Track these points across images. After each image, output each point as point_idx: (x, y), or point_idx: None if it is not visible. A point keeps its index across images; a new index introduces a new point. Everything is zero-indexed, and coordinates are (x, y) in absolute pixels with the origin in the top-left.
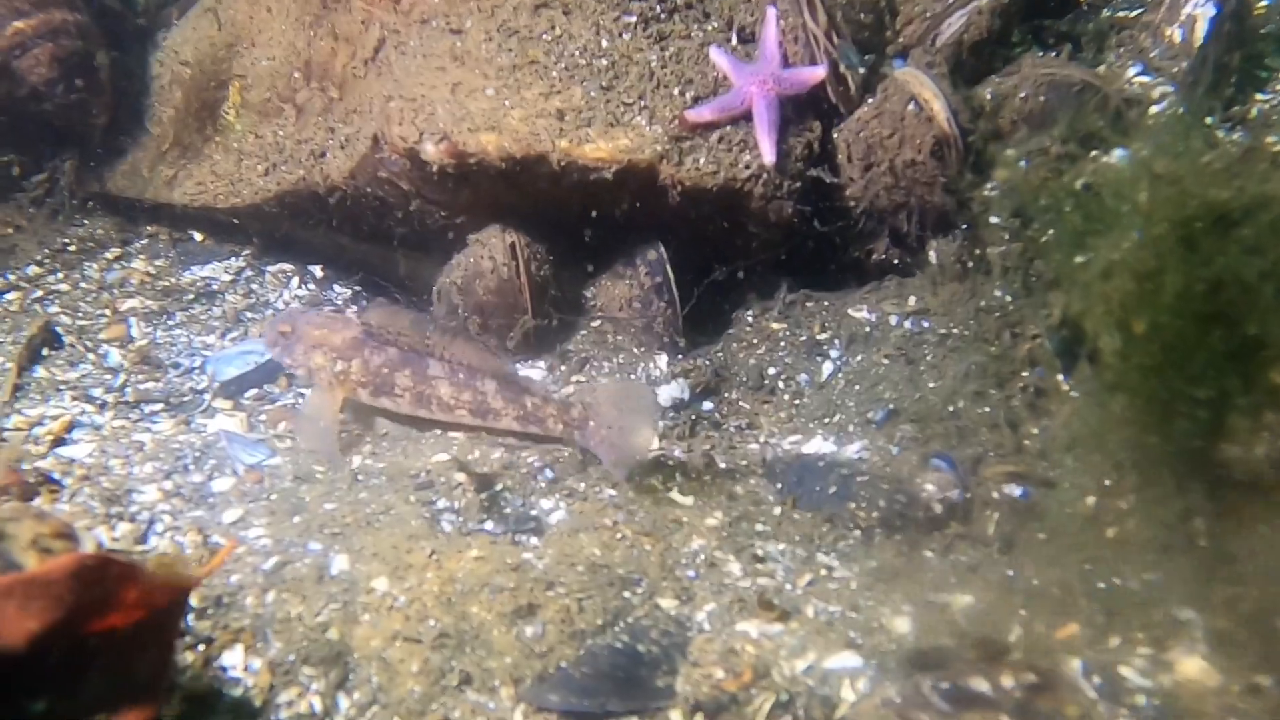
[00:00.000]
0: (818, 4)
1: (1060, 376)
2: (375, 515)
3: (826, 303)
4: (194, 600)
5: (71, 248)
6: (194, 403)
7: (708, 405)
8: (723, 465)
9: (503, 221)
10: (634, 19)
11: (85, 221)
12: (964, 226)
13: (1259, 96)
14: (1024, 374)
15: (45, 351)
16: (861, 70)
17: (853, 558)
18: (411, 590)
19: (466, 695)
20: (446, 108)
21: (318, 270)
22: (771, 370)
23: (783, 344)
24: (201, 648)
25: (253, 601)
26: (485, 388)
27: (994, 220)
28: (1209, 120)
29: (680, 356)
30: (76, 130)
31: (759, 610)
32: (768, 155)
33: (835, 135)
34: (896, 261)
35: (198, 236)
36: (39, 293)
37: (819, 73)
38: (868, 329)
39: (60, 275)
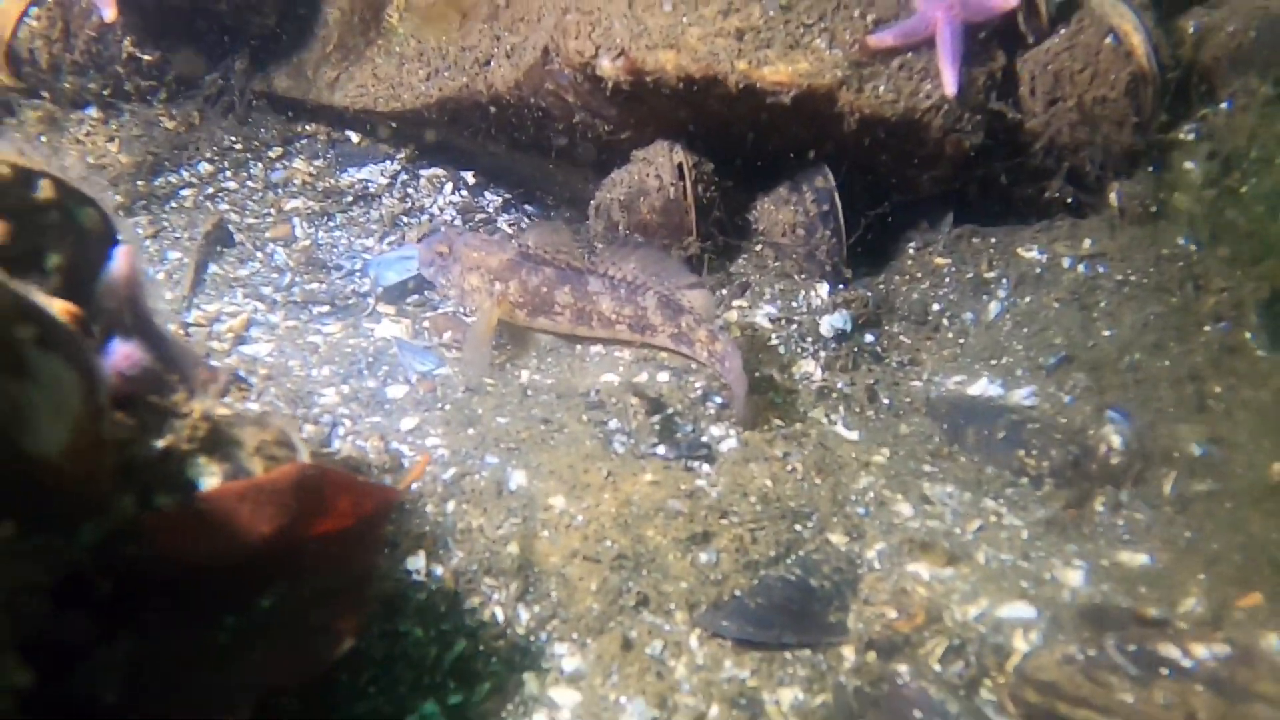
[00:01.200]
0: None
1: (1255, 343)
2: (550, 433)
3: (994, 239)
4: None
5: (238, 146)
6: (359, 306)
7: (869, 337)
8: (886, 401)
9: (669, 138)
10: None
11: (250, 120)
12: (1151, 169)
13: None
14: (1207, 328)
15: (218, 249)
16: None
17: (1021, 505)
18: (589, 510)
19: (643, 616)
20: (624, 23)
21: (470, 177)
22: (935, 306)
23: (947, 280)
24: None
25: (433, 510)
26: (646, 303)
27: (1188, 166)
28: None
29: (842, 286)
30: (247, 30)
31: (929, 553)
32: (950, 86)
33: (1019, 65)
34: (1070, 200)
35: (354, 138)
36: (210, 190)
37: (1011, 2)
38: (1038, 270)
39: (229, 173)
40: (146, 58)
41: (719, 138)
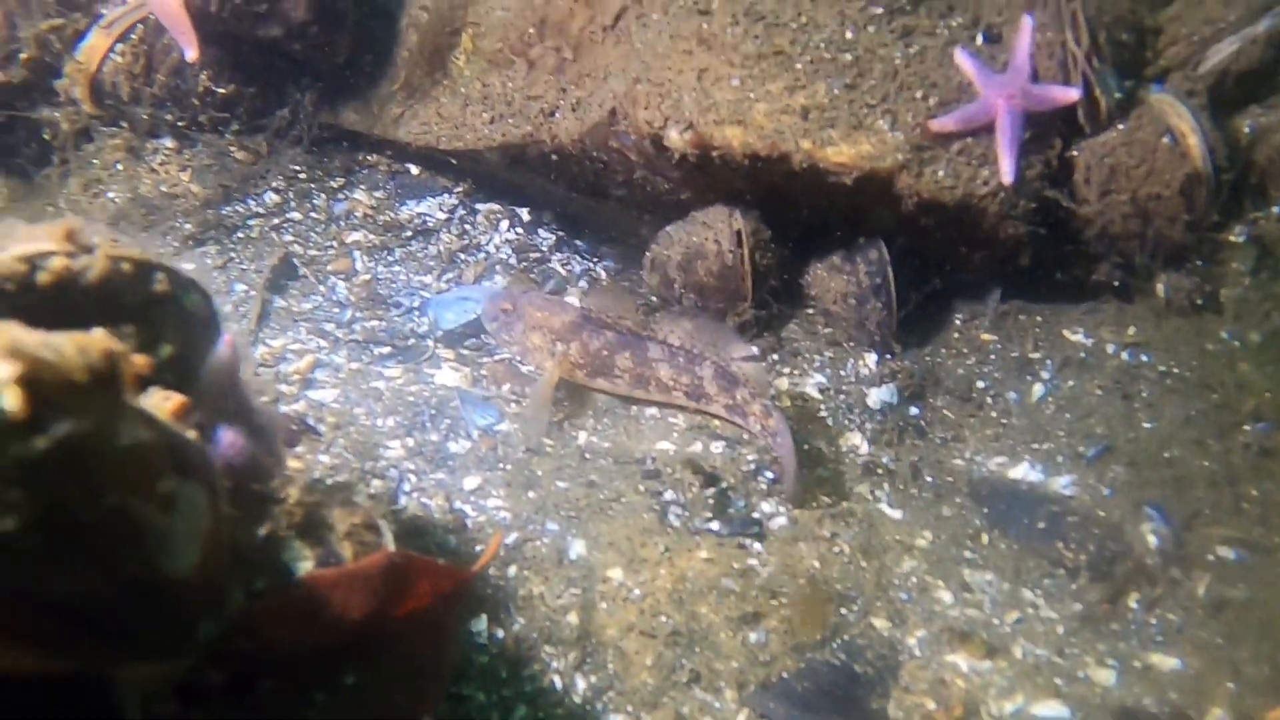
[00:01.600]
0: (1082, 23)
1: None
2: (608, 502)
3: (1040, 318)
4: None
5: (303, 176)
6: (419, 349)
7: (914, 410)
8: (929, 479)
9: (728, 203)
10: (880, 10)
11: (314, 150)
12: (1200, 263)
13: None
14: (1246, 428)
15: (283, 282)
16: (1117, 95)
17: (1058, 598)
18: (645, 584)
19: (695, 693)
20: (693, 96)
21: (524, 213)
22: (980, 384)
23: (993, 357)
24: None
25: (495, 573)
26: (703, 372)
27: (1236, 266)
28: None
29: (889, 356)
30: (318, 67)
31: (968, 644)
32: (1008, 174)
33: (1075, 153)
34: (1117, 283)
35: (414, 170)
36: (276, 220)
37: (1072, 95)
38: (1082, 354)
39: (294, 204)
40: (220, 91)
41: (777, 205)
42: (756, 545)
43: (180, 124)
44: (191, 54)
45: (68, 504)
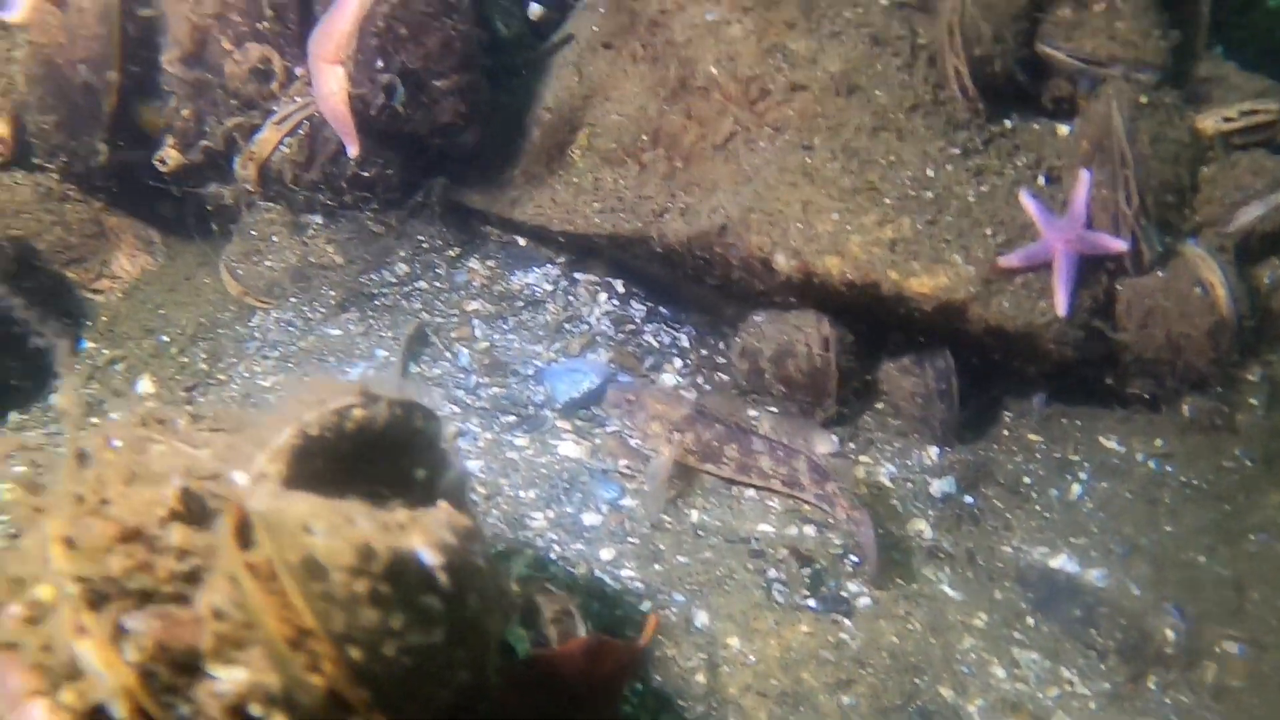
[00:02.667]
0: (1134, 189)
1: None
2: (724, 578)
3: (1080, 422)
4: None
5: (425, 246)
6: (539, 419)
7: (969, 499)
8: (982, 564)
9: (818, 308)
10: (957, 150)
11: (437, 221)
12: (1220, 390)
13: None
14: (1252, 538)
15: (418, 349)
16: (1159, 249)
17: (1090, 676)
18: (759, 652)
19: None
20: (798, 227)
21: (619, 285)
22: (1027, 479)
23: (1038, 455)
24: None
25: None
26: (798, 466)
27: (1252, 401)
28: None
29: (949, 450)
30: (451, 156)
31: (1018, 714)
32: (1062, 308)
33: (1119, 288)
34: (1147, 396)
35: (520, 241)
36: (407, 289)
37: (1122, 246)
38: (1115, 460)
39: (420, 273)
40: (365, 174)
41: (860, 315)
42: (846, 621)
43: (329, 202)
44: (353, 151)
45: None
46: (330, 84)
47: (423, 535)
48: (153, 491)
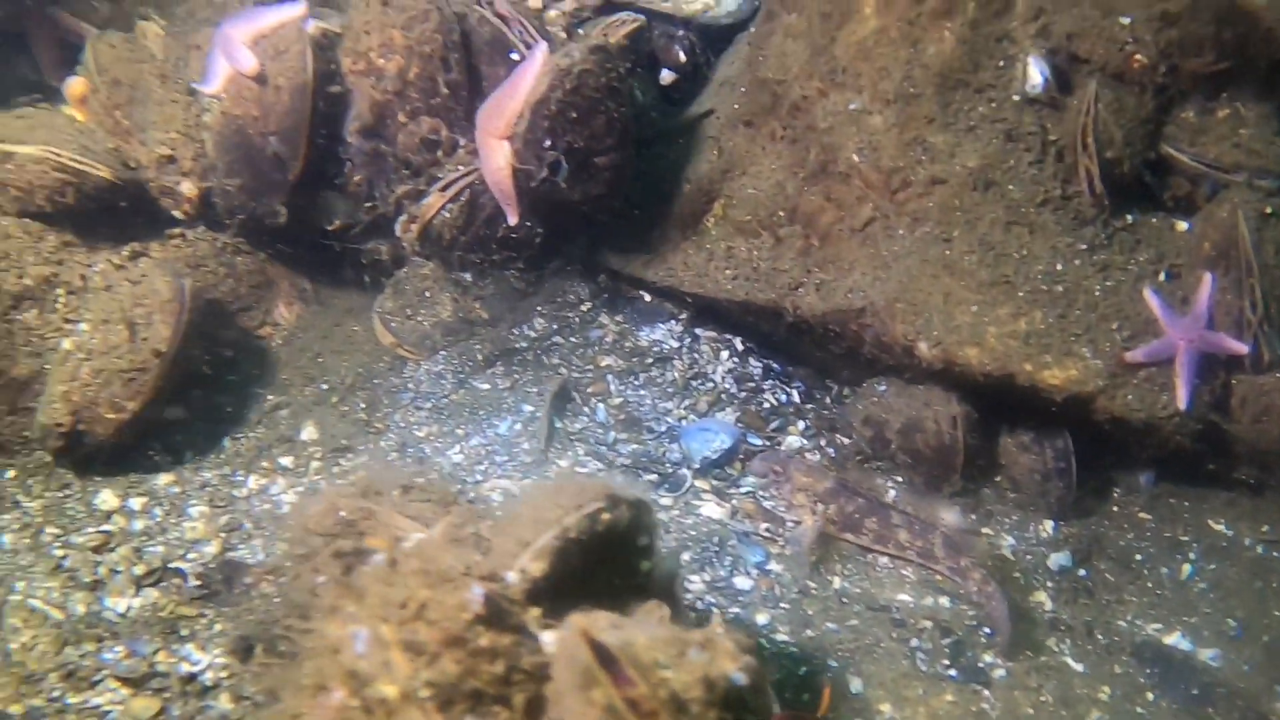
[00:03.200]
0: (1259, 295)
1: None
2: (872, 646)
3: (1187, 503)
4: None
5: (560, 302)
6: (679, 478)
7: (1082, 573)
8: (1100, 638)
9: (945, 387)
10: (1084, 246)
11: (572, 280)
12: None
13: None
14: None
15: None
16: (1279, 353)
17: None
18: (909, 717)
19: None
20: (940, 317)
21: (738, 342)
22: (1138, 556)
23: (1148, 534)
24: None
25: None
26: (934, 540)
27: None
28: None
29: (1064, 523)
30: (592, 219)
31: None
32: (1183, 402)
33: (1234, 383)
34: (1252, 482)
35: (646, 297)
36: (546, 344)
37: (1243, 349)
38: (1223, 543)
39: (557, 329)
40: (514, 236)
41: (989, 398)
42: (985, 691)
43: (479, 261)
44: (513, 219)
45: None
46: (497, 158)
47: (730, 659)
48: (456, 596)
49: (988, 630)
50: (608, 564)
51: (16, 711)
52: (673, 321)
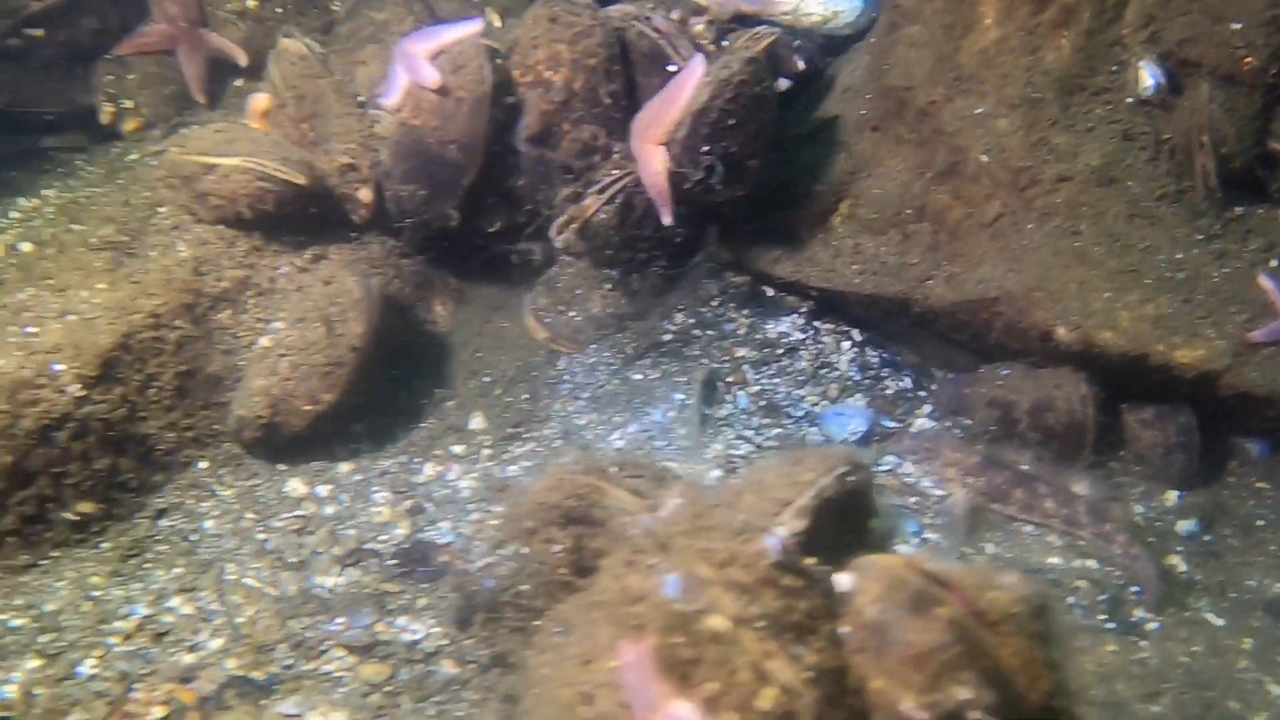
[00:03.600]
0: None
1: None
2: None
3: None
4: None
5: (697, 297)
6: None
7: (1209, 538)
8: (1233, 594)
9: (1074, 368)
10: (1200, 236)
11: (707, 275)
12: None
13: None
14: None
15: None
16: None
17: None
18: (1078, 667)
19: None
20: (1076, 303)
21: (856, 333)
22: (1259, 522)
23: (1268, 501)
24: None
25: None
26: (1078, 507)
27: None
28: None
29: (1188, 493)
30: (730, 217)
31: None
32: None
33: None
34: None
35: (768, 291)
36: (686, 336)
37: None
38: None
39: (694, 322)
40: (660, 235)
41: (1114, 377)
42: (1142, 642)
43: (627, 258)
44: (667, 220)
45: None
46: (656, 163)
47: (1018, 582)
48: (753, 546)
49: (1136, 589)
50: (844, 521)
51: (259, 677)
52: (795, 315)
